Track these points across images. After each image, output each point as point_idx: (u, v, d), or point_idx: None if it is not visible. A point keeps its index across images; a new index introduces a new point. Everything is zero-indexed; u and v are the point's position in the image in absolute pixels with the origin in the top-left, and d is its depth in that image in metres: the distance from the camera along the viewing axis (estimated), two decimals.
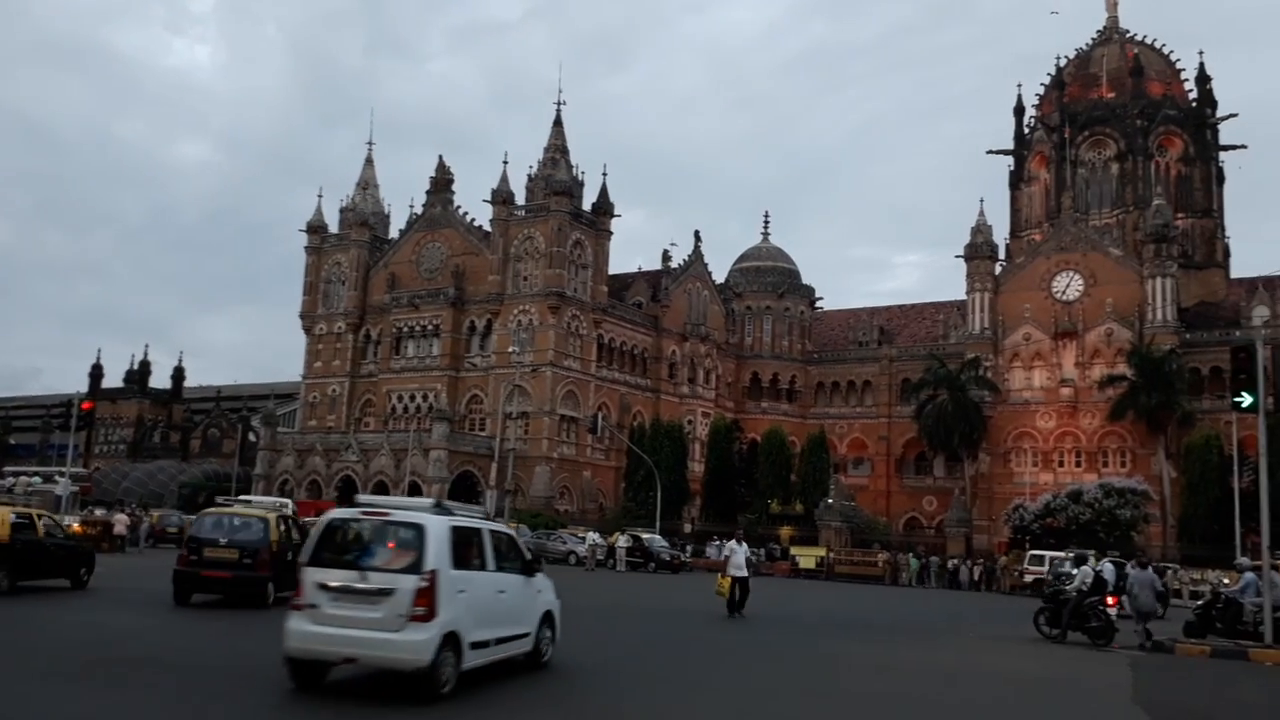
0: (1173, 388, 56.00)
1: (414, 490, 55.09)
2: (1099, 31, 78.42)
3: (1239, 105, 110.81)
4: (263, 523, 17.77)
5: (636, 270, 72.38)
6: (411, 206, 70.54)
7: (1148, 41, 77.08)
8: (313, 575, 9.79)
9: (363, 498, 11.15)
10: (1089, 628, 19.16)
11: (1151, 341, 58.47)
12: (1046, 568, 40.65)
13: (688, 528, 56.52)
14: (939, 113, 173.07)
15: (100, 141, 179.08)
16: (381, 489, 57.45)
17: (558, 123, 68.64)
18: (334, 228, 73.29)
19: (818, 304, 78.24)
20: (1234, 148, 74.06)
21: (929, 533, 63.77)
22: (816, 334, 77.36)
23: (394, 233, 72.21)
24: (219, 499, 30.88)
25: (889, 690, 12.32)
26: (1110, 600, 20.12)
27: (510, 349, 58.93)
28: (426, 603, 9.43)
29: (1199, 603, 22.36)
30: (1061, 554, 35.02)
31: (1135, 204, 69.68)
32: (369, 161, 76.01)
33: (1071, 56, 78.07)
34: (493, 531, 11.22)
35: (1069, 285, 64.11)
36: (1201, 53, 75.08)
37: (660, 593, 26.35)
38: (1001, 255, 69.91)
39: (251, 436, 71.51)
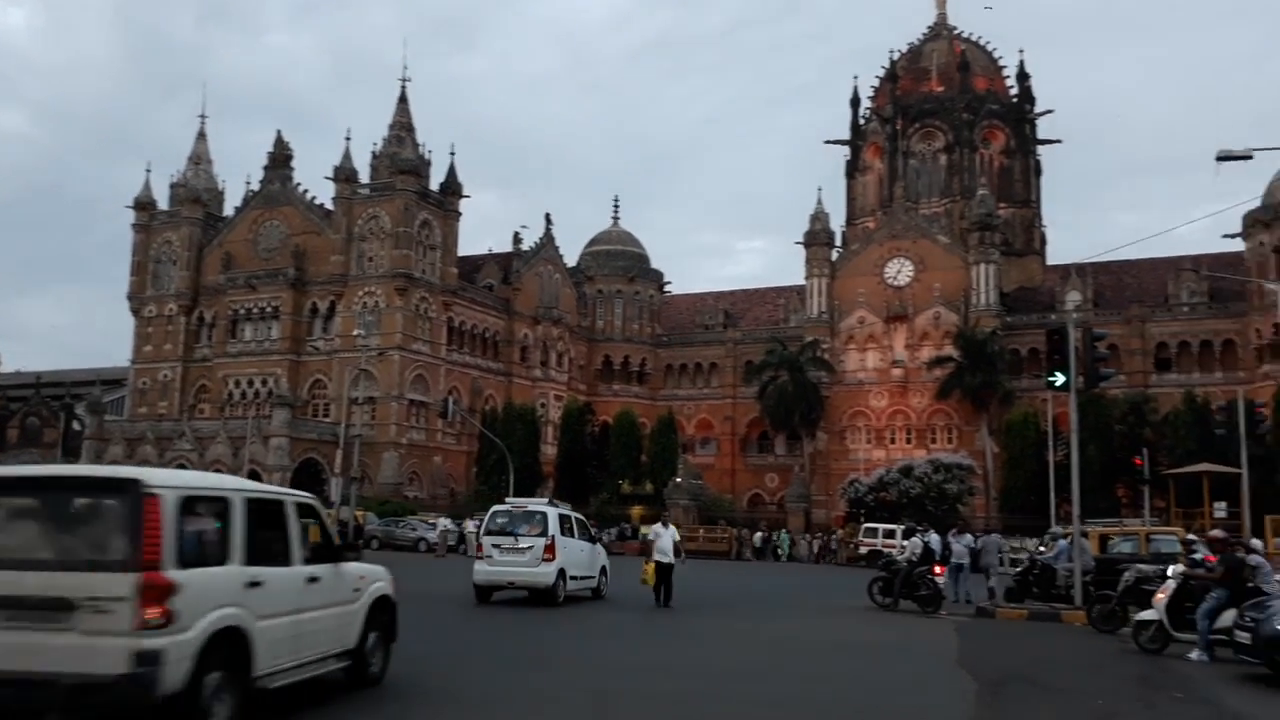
0: (995, 368, 59.65)
1: (253, 478, 53.41)
2: (929, 27, 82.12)
3: (1055, 102, 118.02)
4: None
5: (487, 252, 71.82)
6: (248, 183, 67.82)
7: (974, 39, 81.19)
8: (488, 540, 19.18)
9: (510, 499, 22.55)
10: (919, 596, 20.38)
11: (976, 324, 62.10)
12: (879, 539, 43.08)
13: None
14: (780, 103, 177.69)
15: None
16: None
17: (403, 99, 67.28)
18: (164, 204, 69.67)
19: (666, 288, 79.61)
20: (1050, 142, 79.22)
21: (771, 508, 66.04)
22: (665, 317, 78.69)
23: (229, 210, 69.29)
24: None
25: (737, 663, 12.99)
26: (937, 569, 21.52)
27: (355, 332, 57.69)
28: (550, 553, 18.50)
29: (1017, 569, 24.10)
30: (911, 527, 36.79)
31: (962, 193, 73.52)
32: (201, 135, 72.59)
33: (904, 51, 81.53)
34: (578, 518, 20.76)
35: (900, 271, 67.28)
36: (1022, 51, 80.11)
37: None
38: (838, 242, 72.69)
39: (76, 425, 67.48)
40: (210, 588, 7.14)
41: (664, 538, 19.69)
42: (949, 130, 76.15)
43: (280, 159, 66.51)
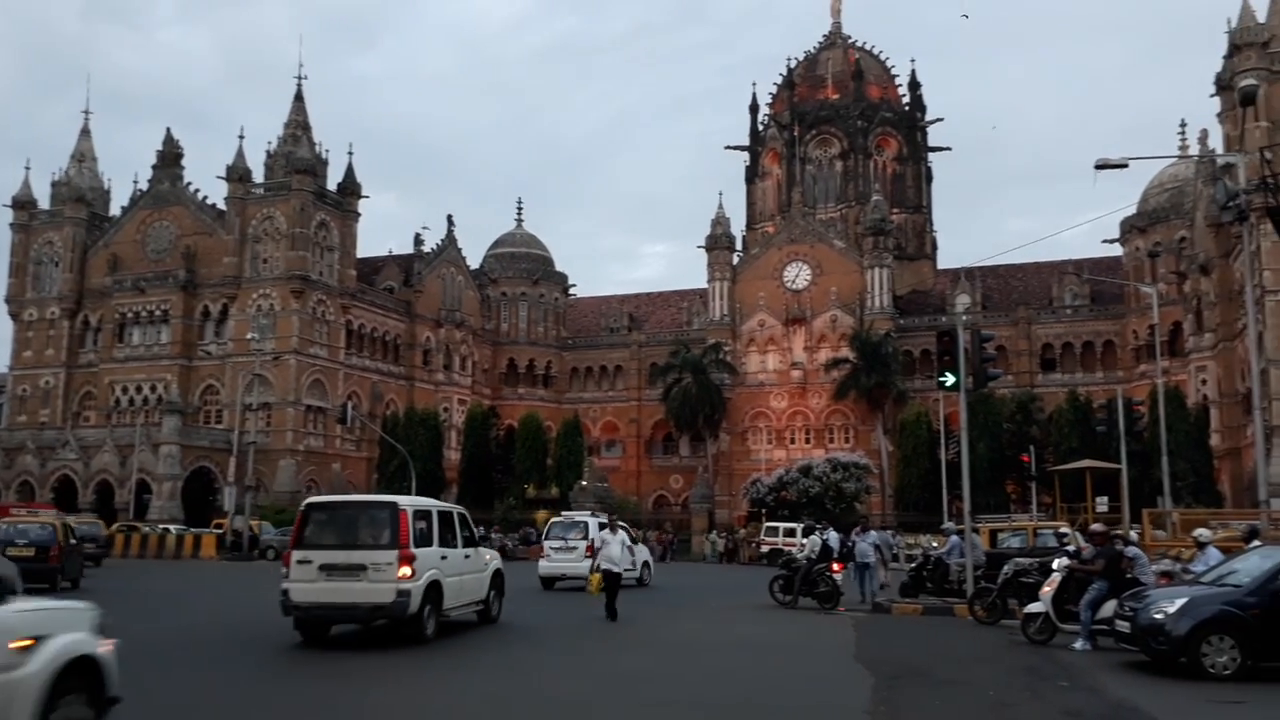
0: (889, 369, 61.29)
1: (142, 488, 51.76)
2: (825, 36, 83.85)
3: (945, 111, 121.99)
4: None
5: (388, 254, 70.79)
6: (136, 183, 65.55)
7: (868, 48, 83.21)
8: (547, 544, 26.46)
9: (564, 512, 31.92)
10: (818, 593, 20.82)
11: (870, 327, 63.71)
12: (780, 537, 43.82)
13: None
14: (682, 109, 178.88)
15: None
16: (105, 489, 53.50)
17: (299, 98, 65.73)
18: (45, 204, 66.83)
19: (571, 291, 79.57)
20: (940, 149, 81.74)
21: (676, 509, 66.55)
22: (570, 320, 78.66)
23: (116, 210, 66.84)
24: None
25: (638, 665, 13.13)
26: (836, 567, 22.03)
27: (249, 336, 56.10)
28: (591, 552, 22.59)
29: (912, 565, 24.80)
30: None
31: (857, 199, 75.33)
32: (85, 132, 69.79)
33: (801, 59, 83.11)
34: (621, 525, 21.78)
35: (798, 275, 68.62)
36: (913, 61, 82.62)
37: None
38: (739, 246, 73.72)
39: None
40: (426, 558, 13.66)
41: (612, 544, 18.11)
42: (844, 137, 77.92)
43: (170, 157, 64.39)
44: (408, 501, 13.98)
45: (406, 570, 13.11)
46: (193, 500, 52.31)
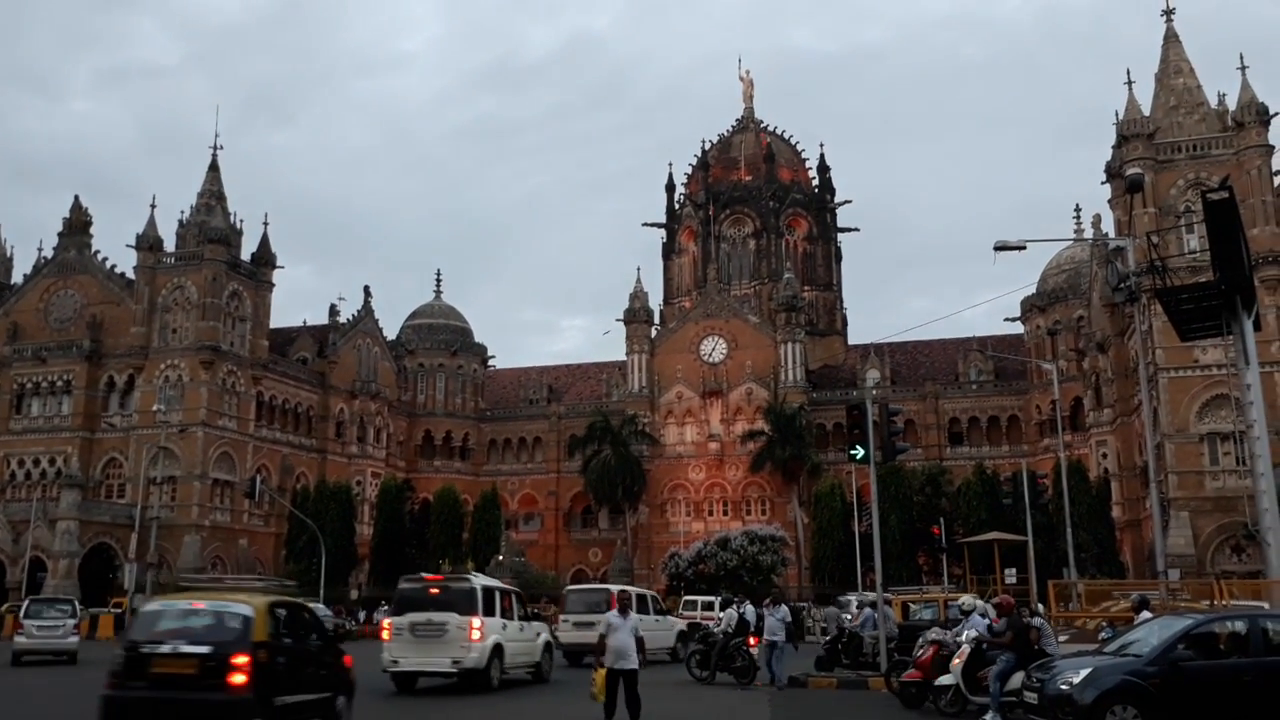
0: (803, 441, 62.17)
1: (37, 566, 49.38)
2: (738, 120, 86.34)
3: (853, 193, 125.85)
4: None
5: (302, 325, 69.66)
6: (40, 251, 63.62)
7: (779, 132, 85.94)
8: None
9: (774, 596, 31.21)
10: (734, 668, 20.87)
11: (784, 400, 64.72)
12: (699, 611, 43.64)
13: (355, 594, 54.66)
14: (600, 187, 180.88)
15: None
16: None
17: (214, 168, 64.90)
18: None
19: (490, 362, 79.29)
20: (849, 230, 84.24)
21: (595, 583, 65.90)
22: (489, 392, 78.23)
23: (18, 279, 64.67)
24: None
25: None
26: (751, 641, 22.10)
27: (156, 407, 54.66)
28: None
29: (826, 638, 25.03)
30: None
31: (769, 276, 77.04)
32: None
33: (715, 141, 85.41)
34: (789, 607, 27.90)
35: (715, 349, 69.63)
36: (822, 145, 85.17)
37: None
38: (657, 320, 74.63)
39: None
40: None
41: (621, 631, 13.38)
42: (757, 217, 79.95)
43: (78, 225, 62.82)
44: (616, 587, 27.16)
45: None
46: (91, 578, 50.05)
